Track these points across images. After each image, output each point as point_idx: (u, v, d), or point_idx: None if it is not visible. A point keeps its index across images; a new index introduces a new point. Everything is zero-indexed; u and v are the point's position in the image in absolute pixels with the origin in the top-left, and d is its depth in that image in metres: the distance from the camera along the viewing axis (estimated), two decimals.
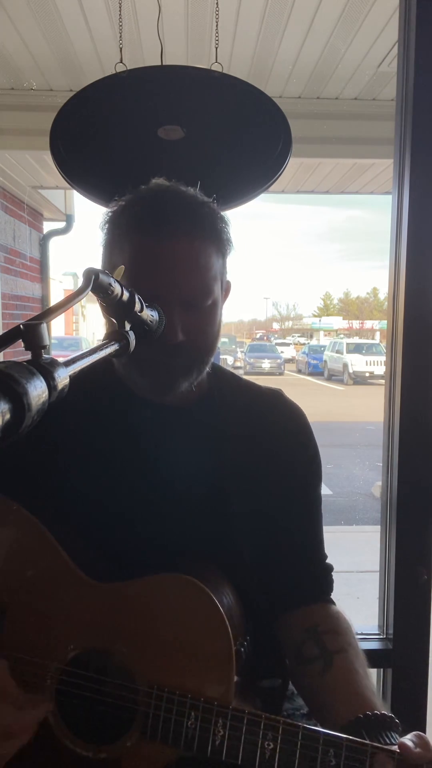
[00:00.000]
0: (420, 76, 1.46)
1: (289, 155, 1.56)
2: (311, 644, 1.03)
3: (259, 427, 1.11)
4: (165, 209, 0.99)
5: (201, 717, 0.86)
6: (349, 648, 1.03)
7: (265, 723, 0.84)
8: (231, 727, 0.85)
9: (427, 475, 1.56)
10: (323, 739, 0.83)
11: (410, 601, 1.58)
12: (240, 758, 0.84)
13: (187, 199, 1.02)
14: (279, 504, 1.10)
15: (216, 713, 0.85)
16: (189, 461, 1.06)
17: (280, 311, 68.18)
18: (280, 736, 0.84)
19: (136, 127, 1.59)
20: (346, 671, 1.00)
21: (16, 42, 2.84)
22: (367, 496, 6.91)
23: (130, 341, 0.79)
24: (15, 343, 0.59)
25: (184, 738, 0.86)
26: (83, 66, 3.05)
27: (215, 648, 0.88)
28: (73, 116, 1.58)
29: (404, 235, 1.50)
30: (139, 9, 2.43)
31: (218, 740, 0.85)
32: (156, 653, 0.90)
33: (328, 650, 1.02)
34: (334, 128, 3.67)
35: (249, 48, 2.87)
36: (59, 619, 0.94)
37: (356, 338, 30.11)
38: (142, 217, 0.99)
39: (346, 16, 2.59)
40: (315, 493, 1.16)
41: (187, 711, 0.86)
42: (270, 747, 0.83)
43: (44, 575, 0.96)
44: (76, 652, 0.93)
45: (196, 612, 0.89)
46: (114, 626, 0.92)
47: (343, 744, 0.82)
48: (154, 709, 0.87)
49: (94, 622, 0.93)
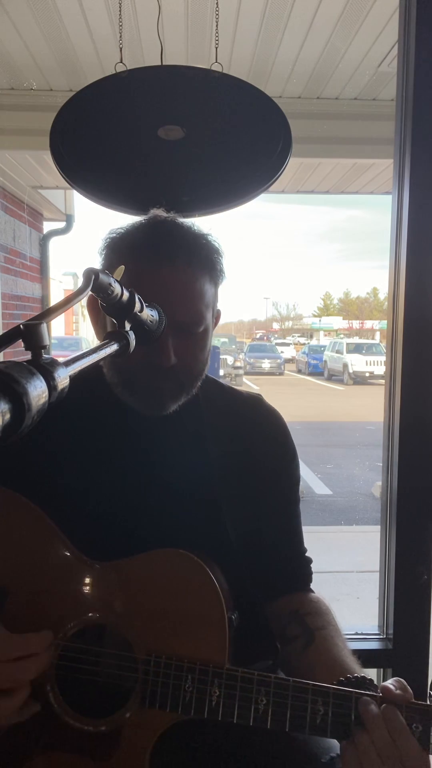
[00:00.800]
0: (420, 76, 1.46)
1: (289, 155, 1.56)
2: (294, 625, 1.11)
3: (243, 430, 1.18)
4: (163, 238, 1.04)
5: (197, 679, 0.91)
6: (328, 626, 1.11)
7: (258, 679, 0.90)
8: (226, 686, 0.90)
9: (427, 475, 1.56)
10: (312, 689, 0.89)
11: (410, 601, 1.58)
12: (235, 717, 0.89)
13: (184, 230, 1.07)
14: (262, 502, 1.16)
15: (212, 674, 0.91)
16: (177, 463, 1.10)
17: (280, 311, 68.25)
18: (272, 691, 0.89)
19: (136, 127, 1.59)
20: (326, 644, 1.07)
21: (16, 42, 2.84)
22: (367, 496, 6.91)
23: (130, 341, 0.79)
24: (15, 343, 0.59)
25: (182, 702, 0.91)
26: (83, 66, 3.05)
27: (209, 614, 0.93)
28: (73, 116, 1.58)
29: (404, 235, 1.50)
30: (139, 9, 2.43)
31: (214, 701, 0.90)
32: (153, 623, 0.95)
33: (309, 628, 1.10)
34: (334, 128, 3.67)
35: (249, 48, 2.87)
36: (59, 599, 0.97)
37: (356, 338, 30.15)
38: (140, 244, 1.04)
39: (346, 16, 2.59)
40: (294, 490, 1.23)
41: (184, 674, 0.91)
42: (263, 702, 0.89)
43: (44, 557, 1.00)
44: (77, 628, 0.96)
45: (190, 581, 0.95)
46: (111, 600, 0.96)
47: (330, 692, 0.89)
48: (153, 675, 0.92)
49: (93, 599, 0.97)
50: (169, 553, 0.97)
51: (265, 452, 1.18)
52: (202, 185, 1.55)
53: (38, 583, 0.99)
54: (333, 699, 0.88)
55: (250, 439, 1.17)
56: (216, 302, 1.12)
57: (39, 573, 0.99)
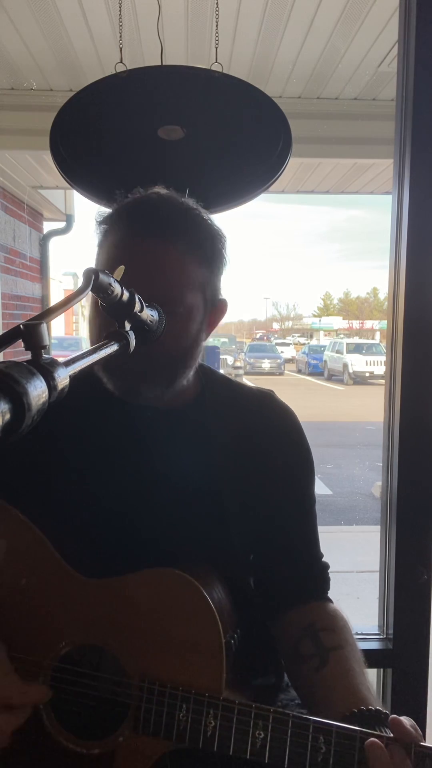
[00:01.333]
0: (420, 76, 1.46)
1: (289, 155, 1.56)
2: (308, 641, 1.04)
3: (251, 427, 1.12)
4: (152, 210, 1.01)
5: (192, 708, 0.87)
6: (346, 645, 1.03)
7: (256, 712, 0.85)
8: (222, 718, 0.86)
9: (427, 475, 1.56)
10: (313, 726, 0.84)
11: (410, 601, 1.58)
12: (231, 748, 0.85)
13: (177, 206, 1.02)
14: (274, 504, 1.11)
15: (207, 704, 0.86)
16: (181, 461, 1.06)
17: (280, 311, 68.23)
18: (271, 725, 0.84)
19: (136, 127, 1.59)
20: (342, 668, 1.00)
21: (16, 42, 2.84)
22: (367, 496, 6.91)
23: (130, 341, 0.79)
24: (15, 343, 0.59)
25: (176, 730, 0.87)
26: (83, 66, 3.05)
27: (205, 640, 0.89)
28: (73, 116, 1.58)
29: (404, 235, 1.50)
30: (139, 9, 2.43)
31: (210, 731, 0.86)
32: (147, 647, 0.91)
33: (324, 647, 1.02)
34: (334, 128, 3.67)
35: (249, 48, 2.87)
36: (51, 617, 0.95)
37: (356, 338, 30.12)
38: (128, 213, 1.01)
39: (346, 16, 2.59)
40: (309, 492, 1.17)
41: (179, 703, 0.87)
42: (261, 736, 0.84)
43: (35, 573, 0.97)
44: (68, 648, 0.94)
45: (185, 605, 0.90)
46: (104, 621, 0.93)
47: (333, 730, 0.83)
48: (146, 702, 0.88)
49: (85, 618, 0.94)
50: (165, 574, 0.92)
51: (275, 451, 1.12)
52: (202, 185, 1.55)
53: (29, 599, 0.96)
54: (336, 737, 0.83)
55: (260, 437, 1.11)
56: (212, 289, 1.06)
57: (30, 589, 0.96)
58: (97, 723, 0.91)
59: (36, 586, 0.96)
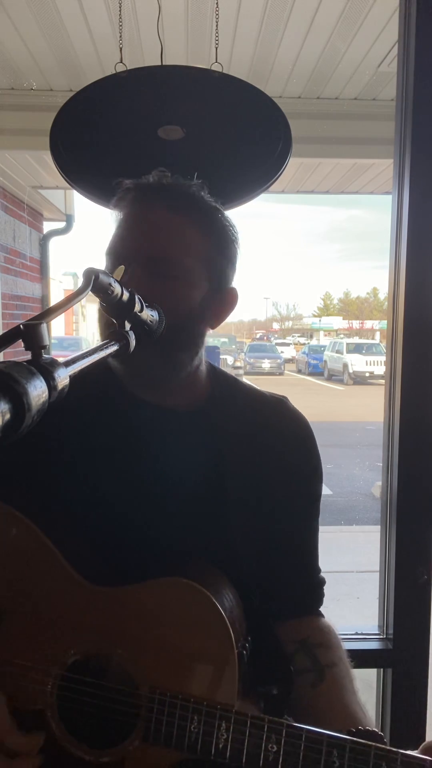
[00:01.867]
0: (420, 76, 1.46)
1: (289, 155, 1.56)
2: (303, 656, 1.05)
3: (262, 434, 1.10)
4: (156, 187, 1.04)
5: (204, 720, 0.86)
6: (340, 663, 1.04)
7: (269, 726, 0.85)
8: (234, 730, 0.85)
9: (427, 475, 1.56)
10: (327, 741, 0.83)
11: (410, 601, 1.58)
12: (244, 761, 0.85)
13: (182, 185, 1.06)
14: (280, 512, 1.09)
15: (219, 717, 0.86)
16: (189, 464, 1.05)
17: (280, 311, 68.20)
18: (284, 739, 0.84)
19: (136, 127, 1.59)
20: (337, 686, 1.01)
21: (16, 42, 2.84)
22: (367, 496, 6.91)
23: (130, 341, 0.79)
24: (15, 343, 0.59)
25: (187, 741, 0.86)
26: (83, 66, 3.05)
27: (217, 651, 0.88)
28: (73, 116, 1.57)
29: (404, 235, 1.50)
30: (139, 9, 2.43)
31: (221, 743, 0.85)
32: (157, 657, 0.90)
33: (320, 663, 1.03)
34: (334, 128, 3.67)
35: (249, 48, 2.87)
36: (58, 624, 0.93)
37: (356, 338, 30.12)
38: (134, 193, 1.04)
39: (346, 15, 2.59)
40: (315, 504, 1.15)
41: (190, 715, 0.86)
42: (273, 750, 0.84)
43: (42, 580, 0.95)
44: (77, 657, 0.92)
45: (197, 615, 0.89)
46: (114, 630, 0.92)
47: (347, 746, 0.83)
48: (157, 713, 0.87)
49: (93, 627, 0.92)
50: (176, 583, 0.90)
51: (286, 459, 1.10)
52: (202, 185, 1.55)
53: (36, 606, 0.94)
54: (349, 753, 0.82)
55: (271, 444, 1.09)
56: (218, 269, 1.05)
57: (37, 596, 0.95)
58: (107, 732, 0.90)
59: (43, 593, 0.95)
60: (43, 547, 0.95)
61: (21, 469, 0.99)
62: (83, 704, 0.91)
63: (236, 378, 1.18)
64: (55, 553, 0.95)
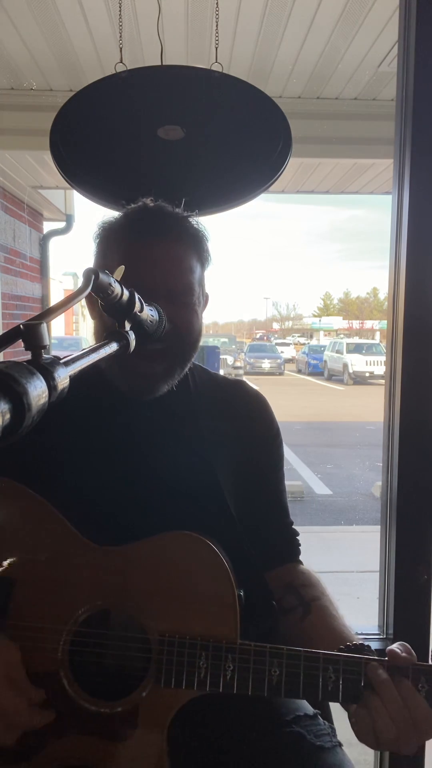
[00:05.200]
0: (420, 76, 1.46)
1: (289, 155, 1.56)
2: (290, 597, 1.17)
3: (229, 411, 1.24)
4: (153, 217, 1.13)
5: (211, 656, 0.93)
6: (323, 596, 1.17)
7: (270, 651, 0.93)
8: (240, 660, 0.93)
9: (427, 475, 1.56)
10: (323, 658, 0.93)
11: (410, 601, 1.58)
12: (250, 688, 0.92)
13: (171, 212, 1.15)
14: (251, 477, 1.22)
15: (225, 650, 0.93)
16: (177, 449, 1.15)
17: (280, 311, 68.26)
18: (285, 661, 0.93)
19: (136, 127, 1.59)
20: (323, 614, 1.13)
21: (16, 42, 2.84)
22: (367, 496, 6.91)
23: (130, 341, 0.79)
24: (15, 343, 0.59)
25: (197, 678, 0.93)
26: (83, 66, 3.05)
27: (221, 593, 0.95)
28: (72, 116, 1.57)
29: (404, 235, 1.50)
30: (139, 9, 2.43)
31: (229, 675, 0.93)
32: (164, 604, 0.96)
33: (305, 599, 1.16)
34: (334, 128, 3.68)
35: (249, 48, 2.87)
36: (68, 586, 0.98)
37: (356, 338, 30.15)
38: (133, 224, 1.12)
39: (347, 15, 2.59)
40: (280, 464, 1.31)
41: (198, 652, 0.93)
42: (276, 673, 0.92)
43: (48, 545, 1.00)
44: (88, 614, 0.97)
45: (200, 562, 0.97)
46: (122, 584, 0.97)
47: (341, 659, 0.93)
48: (167, 655, 0.94)
49: (102, 583, 0.98)
50: (177, 536, 0.98)
51: (252, 430, 1.24)
52: (202, 185, 1.55)
53: (45, 571, 0.99)
54: (343, 666, 0.92)
55: (239, 419, 1.24)
56: (203, 284, 1.18)
57: (45, 561, 1.00)
58: (119, 683, 0.95)
59: (50, 557, 1.00)
60: (47, 513, 1.01)
61: (11, 464, 1.00)
62: (96, 657, 0.96)
63: (202, 366, 1.31)
64: (59, 518, 1.01)
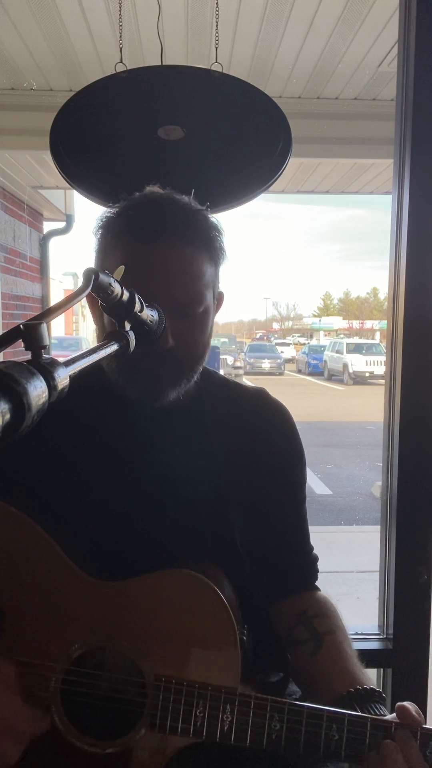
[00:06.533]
0: (420, 76, 1.46)
1: (289, 155, 1.56)
2: (302, 628, 1.09)
3: (246, 425, 1.15)
4: (159, 214, 1.02)
5: (209, 705, 0.88)
6: (337, 630, 1.09)
7: (272, 705, 0.88)
8: (239, 712, 0.88)
9: (427, 475, 1.56)
10: (327, 716, 0.87)
11: (410, 601, 1.58)
12: (248, 741, 0.87)
13: (181, 206, 1.04)
14: (269, 498, 1.14)
15: (224, 700, 0.88)
16: (182, 459, 1.08)
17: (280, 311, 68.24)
18: (286, 717, 0.87)
19: (136, 127, 1.59)
20: (335, 650, 1.05)
21: (16, 42, 2.84)
22: (367, 496, 6.91)
23: (130, 341, 0.79)
24: (15, 343, 0.59)
25: (193, 727, 0.88)
26: (83, 66, 3.05)
27: (220, 636, 0.90)
28: (73, 116, 1.58)
29: (404, 235, 1.50)
30: (139, 9, 2.43)
31: (227, 725, 0.88)
32: (161, 647, 0.91)
33: (318, 632, 1.08)
34: (334, 128, 3.67)
35: (249, 48, 2.87)
36: (61, 619, 0.94)
37: (356, 338, 30.13)
38: (136, 221, 1.01)
39: (346, 15, 2.59)
40: (302, 486, 1.21)
41: (195, 700, 0.88)
42: (277, 728, 0.87)
43: (42, 576, 0.96)
44: (81, 651, 0.93)
45: (199, 602, 0.91)
46: (117, 623, 0.93)
47: (345, 719, 0.87)
48: (162, 701, 0.89)
49: (97, 620, 0.94)
50: (177, 574, 0.93)
51: (271, 448, 1.16)
52: (201, 185, 1.55)
53: (38, 602, 0.95)
54: (348, 725, 0.87)
55: (256, 435, 1.15)
56: (217, 283, 1.09)
57: (38, 592, 0.95)
58: (113, 723, 0.91)
59: (44, 589, 0.95)
60: (42, 543, 0.96)
61: (16, 470, 0.99)
62: (89, 697, 0.92)
63: (220, 374, 1.23)
64: (55, 548, 0.95)
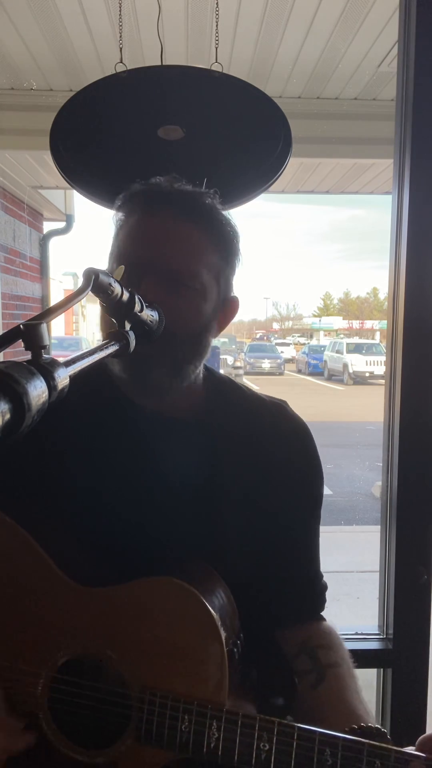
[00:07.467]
0: (420, 76, 1.46)
1: (289, 155, 1.56)
2: (304, 658, 1.04)
3: (262, 440, 1.09)
4: (168, 194, 1.02)
5: (195, 720, 0.85)
6: (342, 663, 1.04)
7: (260, 724, 0.83)
8: (225, 729, 0.84)
9: (427, 475, 1.56)
10: (319, 739, 0.82)
11: (410, 601, 1.58)
12: (236, 760, 0.83)
13: (192, 193, 1.04)
14: (281, 519, 1.08)
15: (210, 716, 0.84)
16: (186, 471, 1.04)
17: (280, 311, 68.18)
18: (276, 737, 0.83)
19: (136, 127, 1.59)
20: (338, 685, 1.01)
21: (16, 42, 2.84)
22: (367, 496, 6.91)
23: (130, 341, 0.79)
24: (15, 343, 0.59)
25: (178, 741, 0.85)
26: (83, 66, 3.05)
27: (207, 650, 0.87)
28: (73, 116, 1.58)
29: (404, 235, 1.50)
30: (139, 9, 2.43)
31: (213, 742, 0.84)
32: (147, 657, 0.89)
33: (321, 664, 1.03)
34: (334, 128, 3.67)
35: (249, 48, 2.87)
36: (47, 626, 0.92)
37: (356, 338, 30.11)
38: (144, 198, 1.02)
39: (346, 16, 2.59)
40: (316, 510, 1.14)
41: (181, 715, 0.85)
42: (266, 748, 0.83)
43: (28, 582, 0.94)
44: (66, 657, 0.91)
45: (185, 614, 0.88)
46: (104, 631, 0.91)
47: (339, 743, 0.82)
48: (147, 713, 0.87)
49: (83, 627, 0.92)
50: (163, 582, 0.89)
51: (286, 466, 1.09)
52: (201, 185, 1.55)
53: (24, 608, 0.93)
54: (342, 750, 0.81)
55: (271, 451, 1.08)
56: (225, 280, 1.05)
57: (24, 598, 0.94)
58: (100, 732, 0.89)
59: (30, 595, 0.94)
60: (28, 549, 0.94)
61: (14, 471, 0.98)
62: (75, 705, 0.90)
63: (234, 381, 1.17)
64: (41, 555, 0.94)
